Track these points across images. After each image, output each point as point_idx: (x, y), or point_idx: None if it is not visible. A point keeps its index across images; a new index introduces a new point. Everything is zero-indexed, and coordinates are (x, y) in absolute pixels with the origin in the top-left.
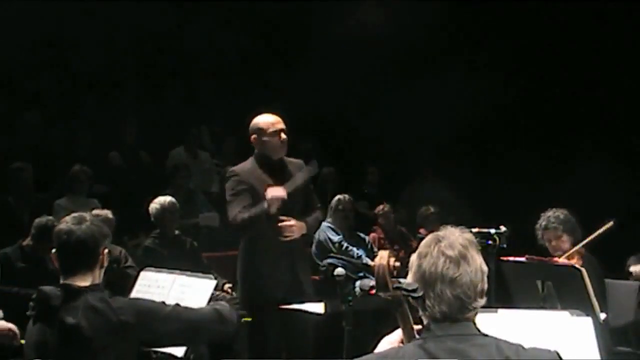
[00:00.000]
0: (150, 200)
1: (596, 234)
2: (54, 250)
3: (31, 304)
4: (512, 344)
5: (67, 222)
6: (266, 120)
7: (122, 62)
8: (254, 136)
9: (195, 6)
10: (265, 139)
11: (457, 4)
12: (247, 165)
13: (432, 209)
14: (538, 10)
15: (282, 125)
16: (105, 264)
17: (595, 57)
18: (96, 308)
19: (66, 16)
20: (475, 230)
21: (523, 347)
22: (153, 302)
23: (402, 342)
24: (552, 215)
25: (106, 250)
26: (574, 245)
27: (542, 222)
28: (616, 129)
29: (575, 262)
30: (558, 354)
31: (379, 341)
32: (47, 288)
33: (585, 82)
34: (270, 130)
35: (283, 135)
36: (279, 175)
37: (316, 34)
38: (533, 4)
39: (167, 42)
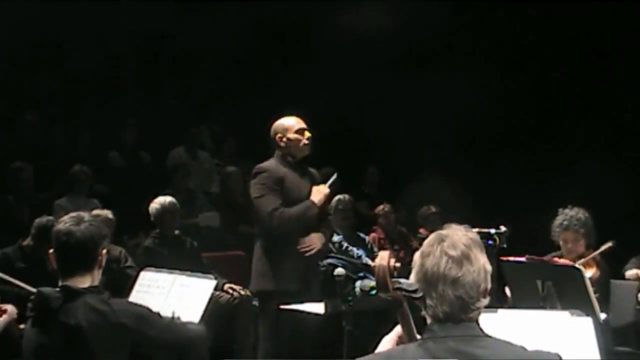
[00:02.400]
0: (150, 200)
1: (599, 251)
2: (51, 251)
3: (29, 305)
4: (515, 346)
5: (65, 223)
6: (290, 120)
7: (121, 62)
8: (278, 135)
9: (195, 6)
10: (291, 136)
11: (457, 3)
12: (273, 163)
13: (433, 209)
14: (538, 9)
15: (305, 125)
16: (104, 264)
17: (596, 56)
18: (96, 309)
19: (66, 16)
20: (475, 230)
21: (525, 349)
22: (151, 310)
23: (399, 339)
24: (574, 216)
25: (104, 251)
26: (586, 248)
27: (564, 221)
28: (618, 128)
29: (595, 271)
30: (560, 357)
31: (379, 342)
32: (46, 290)
33: (586, 82)
34: (296, 128)
35: (307, 134)
36: (303, 176)
37: (316, 33)
38: (533, 4)
39: (167, 42)
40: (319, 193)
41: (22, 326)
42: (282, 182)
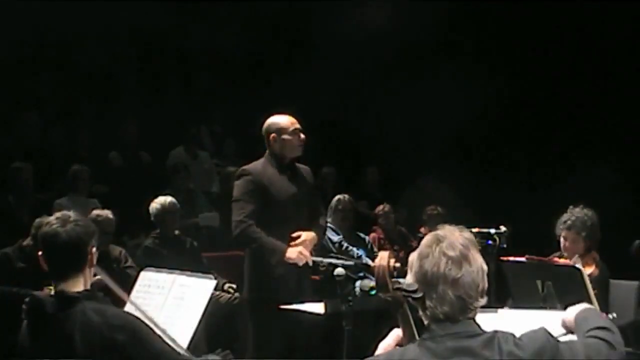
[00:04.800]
0: (150, 200)
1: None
2: (40, 253)
3: (24, 307)
4: (507, 335)
5: (51, 225)
6: (286, 119)
7: (122, 62)
8: (273, 135)
9: (195, 6)
10: (285, 137)
11: (457, 4)
12: (259, 165)
13: (439, 210)
14: (539, 9)
15: (299, 125)
16: (95, 262)
17: (597, 56)
18: (92, 323)
19: (66, 16)
20: (475, 230)
21: (515, 336)
22: (154, 332)
23: (398, 345)
24: (580, 217)
25: (94, 249)
26: (586, 249)
27: (568, 220)
28: (618, 128)
29: (593, 269)
30: (546, 330)
31: (377, 345)
32: (40, 294)
33: (586, 82)
34: (291, 129)
35: (302, 135)
36: (292, 177)
37: (316, 33)
38: (534, 4)
39: (167, 42)
40: (295, 250)
41: None
42: (267, 188)
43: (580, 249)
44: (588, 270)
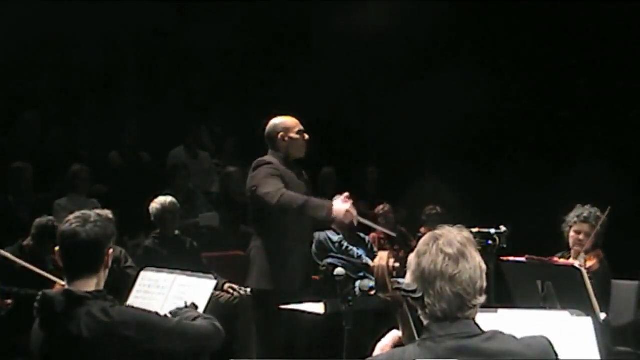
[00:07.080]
0: (150, 200)
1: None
2: (57, 248)
3: (36, 305)
4: (506, 335)
5: (71, 224)
6: (291, 120)
7: (122, 62)
8: (281, 134)
9: (195, 6)
10: (293, 136)
11: (458, 4)
12: (272, 159)
13: (438, 209)
14: (540, 10)
15: (302, 127)
16: (110, 264)
17: (597, 57)
18: (98, 320)
19: (66, 16)
20: (475, 230)
21: (515, 337)
22: (158, 316)
23: (396, 346)
24: (593, 213)
25: (111, 251)
26: (594, 245)
27: (583, 213)
28: (618, 129)
29: (593, 264)
30: (548, 339)
31: (374, 347)
32: (50, 292)
33: (587, 82)
34: (297, 129)
35: (306, 136)
36: (299, 175)
37: (316, 33)
38: (535, 5)
39: (167, 42)
40: (343, 207)
41: (9, 301)
42: (285, 180)
43: (590, 244)
44: (589, 263)
